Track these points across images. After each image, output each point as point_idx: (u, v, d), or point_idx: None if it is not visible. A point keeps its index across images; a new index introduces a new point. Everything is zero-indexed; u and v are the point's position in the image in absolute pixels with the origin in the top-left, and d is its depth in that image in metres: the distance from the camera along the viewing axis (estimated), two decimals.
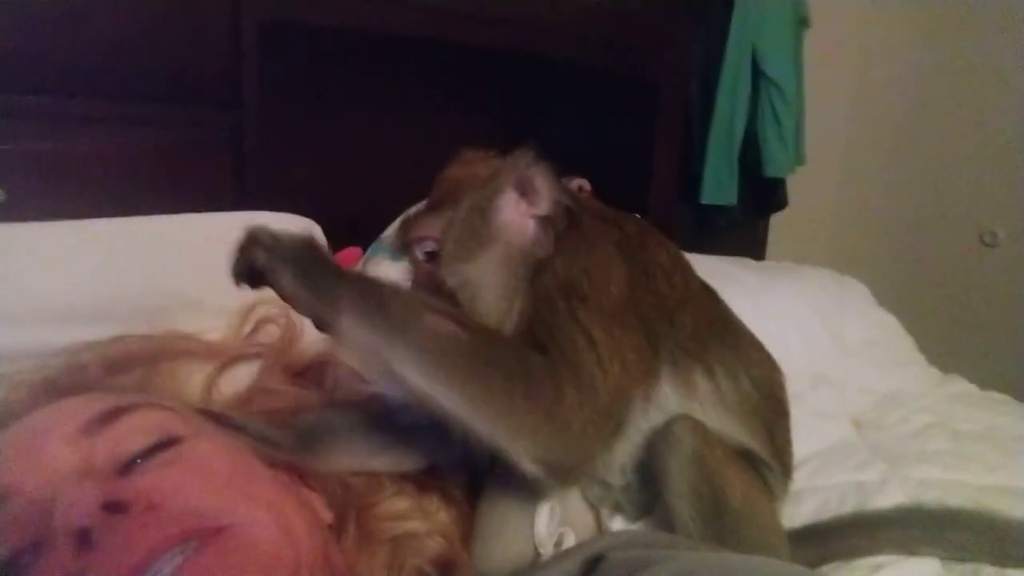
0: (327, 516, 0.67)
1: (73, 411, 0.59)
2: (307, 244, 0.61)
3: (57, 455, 0.54)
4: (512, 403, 0.63)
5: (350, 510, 0.70)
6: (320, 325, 0.60)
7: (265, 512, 0.55)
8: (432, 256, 0.80)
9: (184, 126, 1.18)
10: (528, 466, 0.64)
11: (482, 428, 0.62)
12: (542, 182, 0.77)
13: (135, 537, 0.48)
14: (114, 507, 0.50)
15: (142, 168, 1.13)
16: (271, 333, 0.84)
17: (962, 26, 2.54)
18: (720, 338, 0.82)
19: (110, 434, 0.56)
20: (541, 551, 0.75)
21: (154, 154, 1.14)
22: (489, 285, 0.76)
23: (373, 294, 0.62)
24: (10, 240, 0.85)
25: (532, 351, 0.68)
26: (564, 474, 0.68)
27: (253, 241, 0.59)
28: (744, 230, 2.35)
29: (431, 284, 0.79)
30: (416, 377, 0.60)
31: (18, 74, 1.03)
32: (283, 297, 0.59)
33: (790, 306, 1.36)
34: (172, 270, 0.92)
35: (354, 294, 0.60)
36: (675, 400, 0.77)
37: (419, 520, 0.72)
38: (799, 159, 2.31)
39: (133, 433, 0.56)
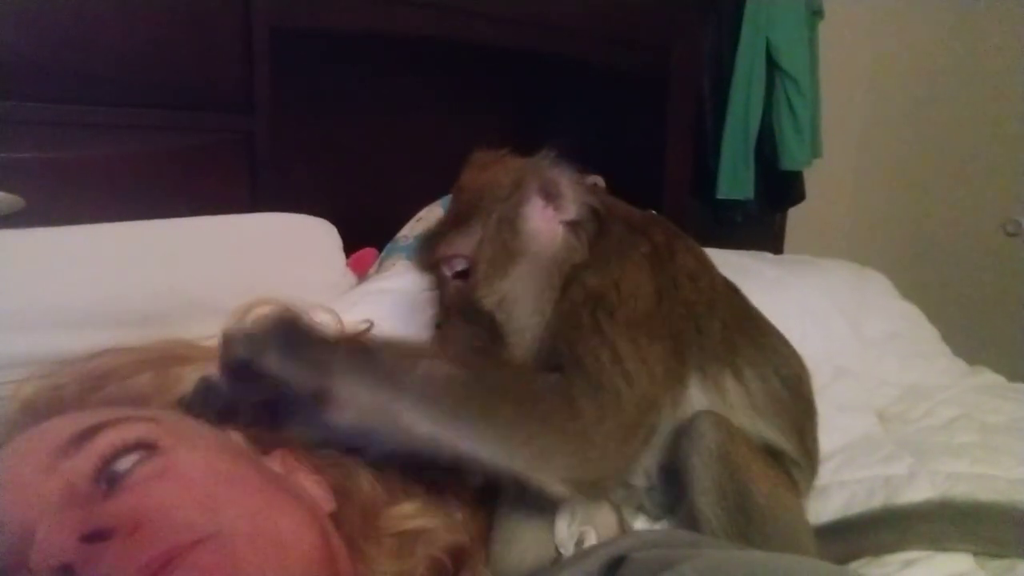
0: (329, 504, 0.66)
1: (48, 435, 0.57)
2: (286, 320, 0.59)
3: (34, 484, 0.52)
4: (526, 432, 0.62)
5: (355, 510, 0.68)
6: (318, 397, 0.58)
7: (249, 520, 0.53)
8: (462, 274, 0.77)
9: (198, 132, 1.18)
10: (555, 488, 0.63)
11: (501, 463, 0.62)
12: (566, 185, 0.76)
13: (119, 565, 0.47)
14: (95, 536, 0.48)
15: (157, 174, 1.13)
16: None
17: (979, 14, 2.50)
18: (748, 338, 0.81)
19: (87, 453, 0.54)
20: (562, 551, 0.74)
21: (169, 160, 1.14)
22: (523, 299, 0.74)
23: (363, 352, 0.61)
24: (25, 246, 0.86)
25: (542, 374, 0.67)
26: (592, 489, 0.67)
27: (230, 339, 0.58)
28: (761, 224, 2.33)
29: (461, 302, 0.77)
30: (425, 426, 0.59)
31: (34, 84, 1.03)
32: (276, 379, 0.57)
33: (810, 299, 1.35)
34: (187, 273, 0.92)
35: (345, 356, 0.59)
36: (704, 404, 0.76)
37: (428, 518, 0.71)
38: (816, 151, 2.29)
39: (111, 449, 0.54)
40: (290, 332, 0.58)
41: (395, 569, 0.66)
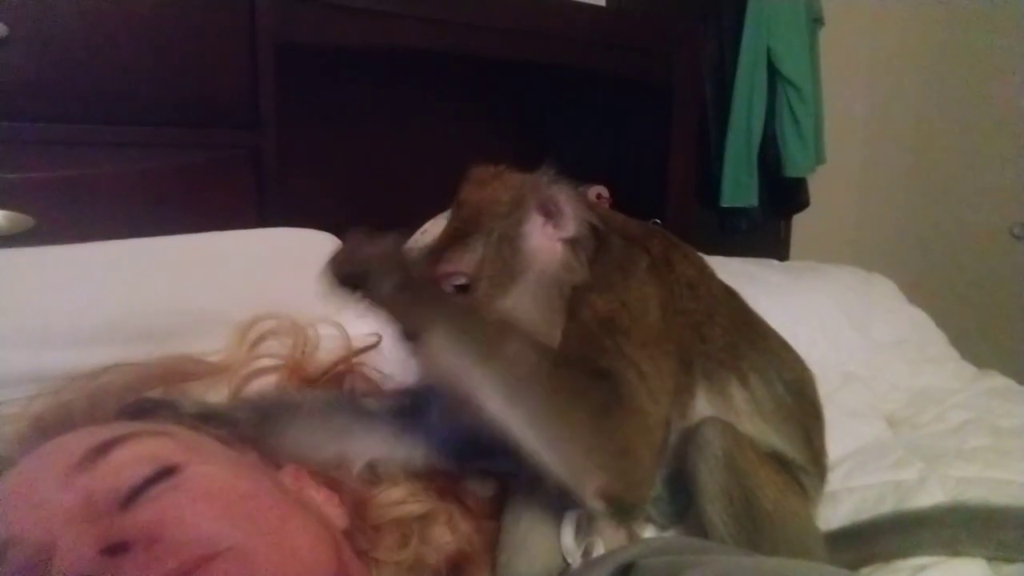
0: (341, 520, 0.66)
1: (63, 450, 0.57)
2: (406, 256, 0.63)
3: (52, 499, 0.53)
4: (588, 438, 0.64)
5: (352, 506, 0.68)
6: (409, 335, 0.61)
7: (266, 534, 0.53)
8: (462, 288, 0.77)
9: (204, 148, 1.19)
10: (593, 501, 0.65)
11: (552, 460, 0.63)
12: (566, 202, 0.76)
13: None
14: (114, 549, 0.48)
15: (165, 190, 1.14)
16: (275, 347, 0.83)
17: (981, 16, 2.50)
18: (750, 343, 0.81)
19: (103, 469, 0.54)
20: (569, 560, 0.74)
21: (176, 177, 1.15)
22: (523, 319, 0.74)
23: (465, 315, 0.65)
24: (34, 264, 0.87)
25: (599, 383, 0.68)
26: (627, 510, 0.69)
27: (357, 247, 0.62)
28: (766, 232, 2.33)
29: None
30: (497, 405, 0.61)
31: (43, 103, 1.05)
32: (377, 304, 0.61)
33: (816, 305, 1.34)
34: (195, 289, 0.92)
35: (447, 313, 0.62)
36: (710, 412, 0.76)
37: (418, 503, 0.71)
38: (819, 158, 2.29)
39: (127, 465, 0.54)
40: (408, 270, 0.61)
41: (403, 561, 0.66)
